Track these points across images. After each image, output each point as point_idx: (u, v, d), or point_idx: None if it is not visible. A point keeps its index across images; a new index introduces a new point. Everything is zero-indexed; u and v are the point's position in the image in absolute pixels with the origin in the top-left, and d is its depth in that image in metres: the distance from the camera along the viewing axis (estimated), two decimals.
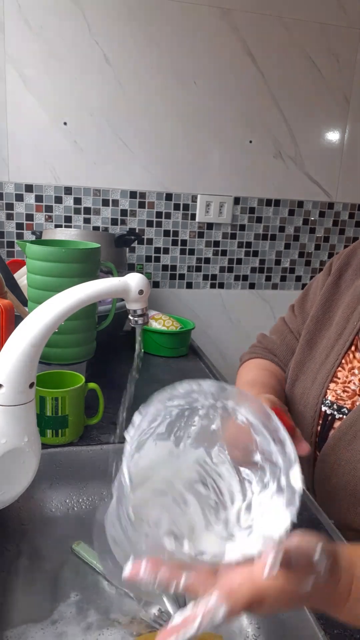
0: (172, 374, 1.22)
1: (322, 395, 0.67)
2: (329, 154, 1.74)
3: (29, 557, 0.69)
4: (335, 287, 0.77)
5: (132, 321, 0.64)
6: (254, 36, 1.58)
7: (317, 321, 0.76)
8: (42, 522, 0.76)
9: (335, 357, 0.69)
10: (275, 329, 0.87)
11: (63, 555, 0.70)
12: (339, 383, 0.67)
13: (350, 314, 0.71)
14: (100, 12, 1.48)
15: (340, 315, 0.72)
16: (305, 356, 0.75)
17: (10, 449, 0.55)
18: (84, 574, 0.67)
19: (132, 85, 1.54)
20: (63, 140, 1.54)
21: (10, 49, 1.45)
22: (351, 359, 0.67)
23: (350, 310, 0.71)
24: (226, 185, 1.69)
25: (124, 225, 1.65)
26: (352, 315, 0.71)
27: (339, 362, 0.68)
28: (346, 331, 0.70)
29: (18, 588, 0.64)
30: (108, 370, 1.15)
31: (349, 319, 0.71)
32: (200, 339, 1.69)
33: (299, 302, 0.84)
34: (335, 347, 0.70)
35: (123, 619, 0.61)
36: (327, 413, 0.66)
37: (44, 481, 0.79)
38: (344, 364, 0.68)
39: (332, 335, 0.72)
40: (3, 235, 1.58)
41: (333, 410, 0.66)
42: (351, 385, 0.65)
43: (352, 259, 0.78)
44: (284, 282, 1.84)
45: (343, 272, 0.78)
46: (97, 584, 0.66)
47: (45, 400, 0.80)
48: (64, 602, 0.63)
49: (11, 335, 0.55)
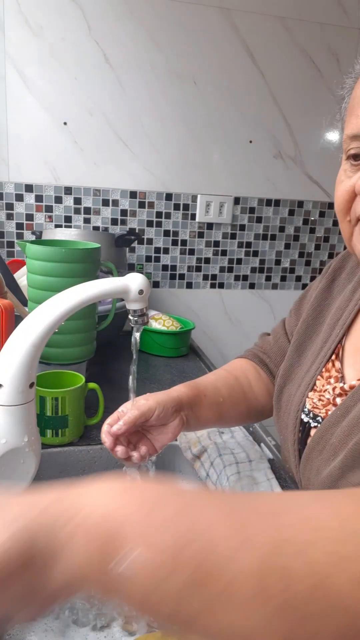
0: (172, 374, 1.22)
1: (302, 403, 0.67)
2: (329, 154, 1.74)
3: None
4: (328, 291, 0.75)
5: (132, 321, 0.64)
6: (254, 36, 1.58)
7: (307, 326, 0.75)
8: None
9: (317, 365, 0.68)
10: (273, 329, 0.87)
11: None
12: (316, 391, 0.66)
13: (336, 321, 0.69)
14: (100, 12, 1.48)
15: (329, 321, 0.71)
16: (294, 363, 0.74)
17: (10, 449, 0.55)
18: None
19: (132, 85, 1.54)
20: (63, 140, 1.54)
21: (10, 48, 1.45)
22: (329, 368, 0.66)
23: (337, 316, 0.70)
24: (226, 185, 1.69)
25: (124, 225, 1.65)
26: (337, 322, 0.69)
27: (320, 370, 0.67)
28: (330, 339, 0.69)
29: None
30: (108, 370, 1.15)
31: (334, 325, 0.69)
32: (200, 339, 1.69)
33: (297, 303, 0.83)
34: (319, 355, 0.69)
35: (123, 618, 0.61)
36: (304, 421, 0.66)
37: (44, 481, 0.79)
38: (323, 372, 0.67)
39: (319, 342, 0.70)
40: (3, 235, 1.58)
41: (309, 419, 0.65)
42: (326, 394, 0.65)
43: (347, 261, 0.76)
44: (284, 282, 1.84)
45: (337, 276, 0.76)
46: None
47: (45, 400, 0.80)
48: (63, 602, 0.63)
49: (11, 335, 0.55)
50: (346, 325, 0.68)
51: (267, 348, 0.84)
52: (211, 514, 0.28)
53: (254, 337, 0.97)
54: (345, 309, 0.69)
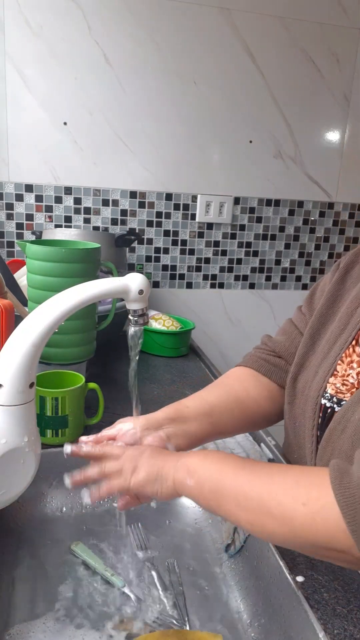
0: (172, 374, 1.22)
1: (323, 389, 0.68)
2: (329, 154, 1.74)
3: (28, 556, 0.70)
4: (341, 284, 0.77)
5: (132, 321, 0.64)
6: (254, 36, 1.58)
7: (320, 316, 0.76)
8: (41, 522, 0.76)
9: (337, 352, 0.69)
10: (282, 330, 0.86)
11: (62, 555, 0.70)
12: (338, 377, 0.67)
13: (354, 309, 0.71)
14: (100, 12, 1.48)
15: (345, 310, 0.73)
16: (308, 350, 0.75)
17: (10, 449, 0.55)
18: (82, 574, 0.67)
19: (132, 85, 1.54)
20: (63, 140, 1.54)
21: (10, 48, 1.45)
22: (350, 353, 0.68)
23: (355, 305, 0.72)
24: (226, 185, 1.69)
25: (124, 225, 1.65)
26: (356, 310, 0.71)
27: (340, 356, 0.68)
28: (349, 326, 0.70)
29: (17, 587, 0.64)
30: (108, 370, 1.15)
31: (352, 313, 0.71)
32: (200, 339, 1.69)
33: (307, 301, 0.84)
34: (337, 342, 0.70)
35: (122, 619, 0.61)
36: (326, 406, 0.67)
37: (44, 481, 0.79)
38: (343, 358, 0.68)
39: (335, 329, 0.72)
40: (3, 235, 1.58)
41: (333, 404, 0.66)
42: (349, 379, 0.66)
43: (359, 257, 0.78)
44: (284, 282, 1.84)
45: (350, 269, 0.78)
46: (96, 584, 0.66)
47: (45, 400, 0.80)
48: (63, 602, 0.63)
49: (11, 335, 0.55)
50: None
51: (280, 349, 0.82)
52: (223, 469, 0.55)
53: (254, 337, 0.96)
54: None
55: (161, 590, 0.65)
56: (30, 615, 0.60)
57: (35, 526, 0.75)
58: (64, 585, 0.65)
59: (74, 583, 0.66)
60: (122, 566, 0.69)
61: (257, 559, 0.65)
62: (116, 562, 0.70)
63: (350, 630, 0.51)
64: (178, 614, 0.61)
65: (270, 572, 0.61)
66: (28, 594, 0.64)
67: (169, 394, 1.09)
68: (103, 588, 0.65)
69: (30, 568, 0.68)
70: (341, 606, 0.54)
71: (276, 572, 0.60)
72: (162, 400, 1.06)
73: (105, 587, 0.65)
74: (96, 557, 0.69)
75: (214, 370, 1.26)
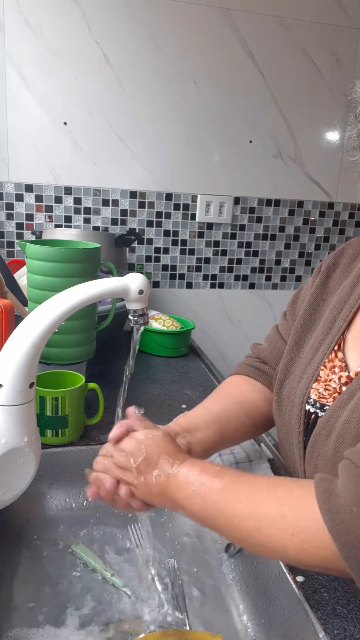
0: (172, 374, 1.22)
1: (307, 394, 0.68)
2: (329, 154, 1.74)
3: (28, 556, 0.70)
4: (323, 288, 0.77)
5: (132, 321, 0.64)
6: (254, 36, 1.58)
7: (304, 322, 0.76)
8: (41, 522, 0.76)
9: (320, 357, 0.69)
10: (267, 337, 0.87)
11: (62, 555, 0.70)
12: (321, 382, 0.67)
13: (337, 314, 0.71)
14: (100, 12, 1.48)
15: (327, 315, 0.73)
16: (293, 357, 0.75)
17: (10, 449, 0.55)
18: (82, 574, 0.67)
19: (132, 85, 1.54)
20: (63, 140, 1.54)
21: (10, 48, 1.45)
22: (332, 358, 0.68)
23: (337, 310, 0.72)
24: (226, 185, 1.69)
25: (124, 225, 1.65)
26: (338, 315, 0.71)
27: (323, 361, 0.68)
28: (332, 331, 0.70)
29: (17, 587, 0.64)
30: (108, 370, 1.15)
31: (335, 318, 0.71)
32: (200, 339, 1.69)
33: (290, 306, 0.84)
34: (321, 347, 0.70)
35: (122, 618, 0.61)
36: (310, 412, 0.67)
37: (44, 481, 0.79)
38: (325, 363, 0.68)
39: (319, 335, 0.72)
40: (3, 235, 1.58)
41: (316, 409, 0.66)
42: (332, 384, 0.66)
43: (340, 259, 0.78)
44: (284, 282, 1.84)
45: (331, 273, 0.78)
46: (96, 584, 0.66)
47: (45, 400, 0.80)
48: (62, 602, 0.63)
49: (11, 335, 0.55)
50: (349, 317, 0.69)
51: (263, 355, 0.84)
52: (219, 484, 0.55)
53: (254, 337, 0.97)
54: (346, 303, 0.71)
55: (161, 590, 0.65)
56: (30, 615, 0.60)
57: (35, 526, 0.75)
58: (63, 585, 0.65)
59: (74, 583, 0.66)
60: (122, 566, 0.69)
61: (257, 559, 0.65)
62: (116, 562, 0.70)
63: (350, 630, 0.51)
64: (178, 614, 0.61)
65: (270, 572, 0.61)
66: (28, 594, 0.64)
67: (169, 394, 1.09)
68: (103, 588, 0.65)
69: (30, 568, 0.68)
70: (341, 606, 0.54)
71: (276, 572, 0.60)
72: (162, 400, 1.06)
73: (105, 587, 0.65)
74: (96, 557, 0.69)
75: (214, 370, 1.26)
